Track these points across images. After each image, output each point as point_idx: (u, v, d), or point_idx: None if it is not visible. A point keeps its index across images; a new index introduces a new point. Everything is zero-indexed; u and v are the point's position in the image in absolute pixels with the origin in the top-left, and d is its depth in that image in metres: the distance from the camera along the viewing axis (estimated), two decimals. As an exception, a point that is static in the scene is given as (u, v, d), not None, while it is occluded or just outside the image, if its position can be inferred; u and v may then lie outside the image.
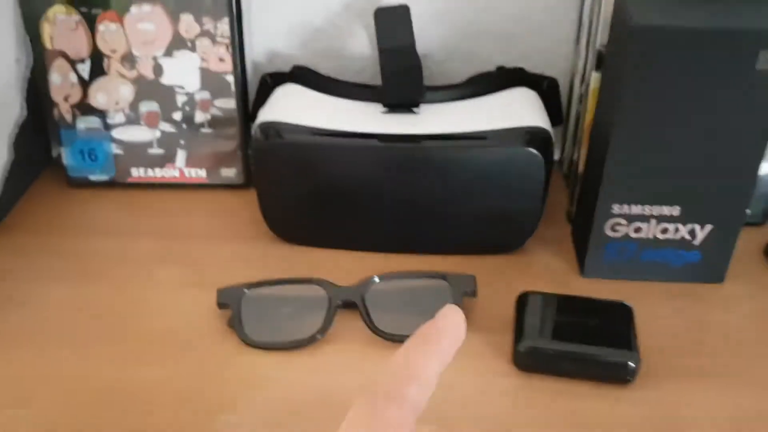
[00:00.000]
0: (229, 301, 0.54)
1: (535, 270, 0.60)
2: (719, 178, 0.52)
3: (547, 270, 0.60)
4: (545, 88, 0.66)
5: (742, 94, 0.48)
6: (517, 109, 0.61)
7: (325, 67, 0.75)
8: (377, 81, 0.75)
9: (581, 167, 0.63)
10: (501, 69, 0.73)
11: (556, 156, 0.77)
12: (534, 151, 0.56)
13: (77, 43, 0.65)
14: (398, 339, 0.51)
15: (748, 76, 0.47)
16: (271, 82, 0.68)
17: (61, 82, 0.67)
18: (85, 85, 0.67)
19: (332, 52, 0.74)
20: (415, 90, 0.60)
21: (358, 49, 0.74)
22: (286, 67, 0.74)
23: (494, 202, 0.58)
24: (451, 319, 0.31)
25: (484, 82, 0.64)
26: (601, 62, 0.58)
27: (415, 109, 0.61)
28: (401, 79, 0.60)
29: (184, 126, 0.69)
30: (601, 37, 0.57)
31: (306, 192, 0.60)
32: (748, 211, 0.64)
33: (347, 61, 0.75)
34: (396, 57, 0.61)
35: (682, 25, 0.46)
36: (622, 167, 0.53)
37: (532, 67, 0.74)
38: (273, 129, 0.59)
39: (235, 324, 0.53)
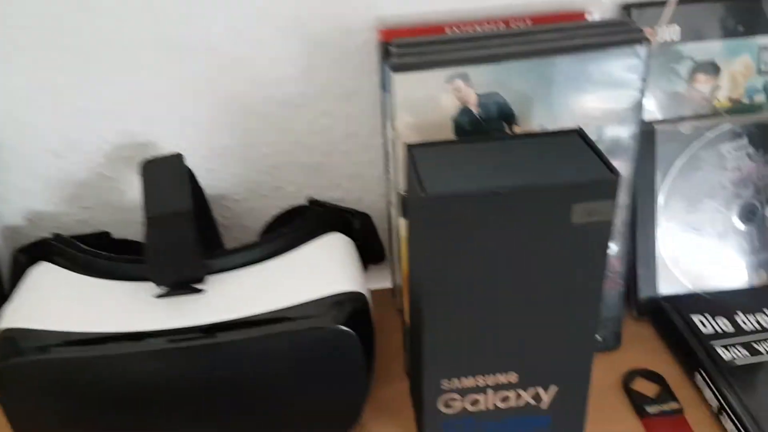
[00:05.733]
0: None
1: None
2: (552, 336, 0.45)
3: (385, 452, 0.51)
4: (358, 227, 0.58)
5: (560, 249, 0.41)
6: (324, 270, 0.51)
7: (100, 223, 0.63)
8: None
9: (407, 318, 0.54)
10: (313, 201, 0.64)
11: (388, 284, 0.69)
12: (344, 328, 0.46)
13: None
14: None
15: (563, 232, 0.41)
16: (25, 259, 0.55)
17: None
18: None
19: (105, 206, 0.62)
20: (192, 266, 0.49)
21: (137, 199, 0.62)
22: (54, 227, 0.62)
23: (306, 393, 0.48)
24: None
25: (286, 235, 0.54)
26: (405, 209, 0.50)
27: (199, 286, 0.50)
28: (169, 255, 0.49)
29: None
30: (403, 182, 0.49)
31: (73, 415, 0.47)
32: (598, 337, 0.58)
33: (126, 214, 0.63)
34: (164, 226, 0.50)
35: (481, 188, 0.39)
36: (443, 340, 0.44)
37: (347, 195, 0.66)
38: (17, 341, 0.46)
39: None
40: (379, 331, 0.61)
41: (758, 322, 0.57)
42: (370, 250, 0.60)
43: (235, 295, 0.49)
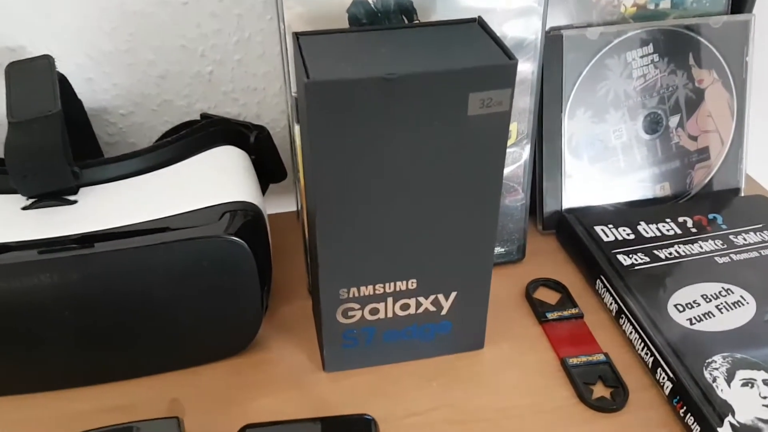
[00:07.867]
0: None
1: (271, 370, 0.48)
2: (451, 240, 0.43)
3: (286, 368, 0.48)
4: (254, 141, 0.54)
5: (457, 144, 0.39)
6: (213, 180, 0.48)
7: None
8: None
9: (306, 230, 0.52)
10: (206, 116, 0.60)
11: (294, 207, 0.66)
12: (233, 237, 0.43)
13: None
14: None
15: (460, 125, 0.38)
16: None
17: None
18: None
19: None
20: (61, 173, 0.45)
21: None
22: None
23: (194, 310, 0.45)
24: None
25: (172, 144, 0.50)
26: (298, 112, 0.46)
27: (72, 197, 0.46)
28: (34, 161, 0.44)
29: None
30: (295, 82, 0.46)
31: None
32: (502, 249, 0.57)
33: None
34: (28, 131, 0.45)
35: (371, 74, 0.36)
36: (339, 246, 0.42)
37: (243, 111, 0.62)
38: None
39: None
40: (283, 254, 0.58)
41: (659, 230, 0.58)
42: (269, 167, 0.57)
43: (112, 206, 0.45)
